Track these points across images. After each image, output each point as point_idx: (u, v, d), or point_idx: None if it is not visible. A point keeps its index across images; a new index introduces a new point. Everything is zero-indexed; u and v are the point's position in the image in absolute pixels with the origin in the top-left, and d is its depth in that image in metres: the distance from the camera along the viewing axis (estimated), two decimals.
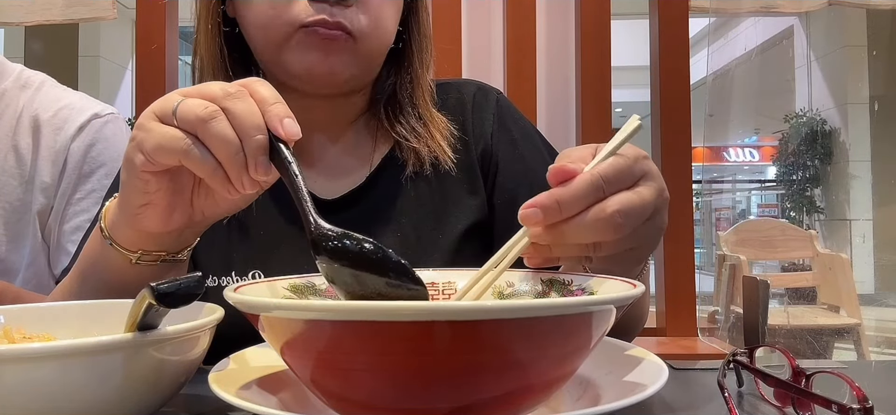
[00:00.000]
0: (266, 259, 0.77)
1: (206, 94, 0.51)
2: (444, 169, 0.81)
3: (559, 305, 0.39)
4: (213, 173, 0.51)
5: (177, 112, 0.51)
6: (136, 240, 0.59)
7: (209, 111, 0.50)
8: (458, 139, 0.84)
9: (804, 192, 8.18)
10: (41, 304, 0.60)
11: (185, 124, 0.51)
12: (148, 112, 0.54)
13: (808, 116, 8.30)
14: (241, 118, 0.50)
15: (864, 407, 0.39)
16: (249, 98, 0.51)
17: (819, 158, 8.12)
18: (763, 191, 11.47)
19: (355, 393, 0.40)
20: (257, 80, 0.53)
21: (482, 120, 0.86)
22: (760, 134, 11.12)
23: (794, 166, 8.33)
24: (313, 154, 0.83)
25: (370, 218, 0.80)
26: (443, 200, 0.82)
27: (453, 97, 0.88)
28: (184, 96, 0.52)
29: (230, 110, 0.50)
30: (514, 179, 0.83)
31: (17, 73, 1.13)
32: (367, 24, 0.74)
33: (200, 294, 0.41)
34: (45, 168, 1.06)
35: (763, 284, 1.11)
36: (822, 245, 4.57)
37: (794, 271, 4.84)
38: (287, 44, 0.73)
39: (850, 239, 7.59)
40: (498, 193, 0.84)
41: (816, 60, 8.46)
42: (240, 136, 0.50)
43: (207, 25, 0.78)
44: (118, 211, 0.59)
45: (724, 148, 11.61)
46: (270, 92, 0.52)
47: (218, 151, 0.50)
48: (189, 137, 0.51)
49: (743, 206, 11.70)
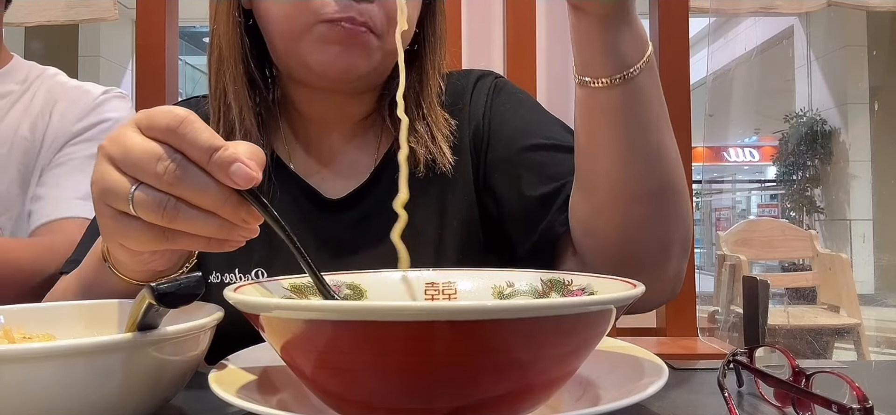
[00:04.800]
0: (271, 258, 0.76)
1: (149, 173, 0.48)
2: (442, 170, 0.80)
3: (559, 306, 0.39)
4: (206, 246, 0.51)
5: (139, 214, 0.49)
6: (140, 271, 0.58)
7: (167, 215, 0.48)
8: (455, 135, 0.82)
9: (804, 192, 8.17)
10: (41, 304, 0.60)
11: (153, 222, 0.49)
12: (102, 205, 0.51)
13: (808, 115, 8.30)
14: (195, 195, 0.48)
15: (864, 407, 0.39)
16: (184, 169, 0.47)
17: (819, 158, 8.11)
18: (763, 191, 11.47)
19: (355, 393, 0.40)
20: (183, 132, 0.47)
21: (477, 103, 0.85)
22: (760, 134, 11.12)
23: (794, 166, 8.33)
24: (321, 151, 0.83)
25: (370, 218, 0.79)
26: (440, 201, 0.81)
27: (455, 87, 0.87)
28: (103, 190, 0.49)
29: (183, 197, 0.48)
30: (510, 140, 0.80)
31: (34, 65, 1.21)
32: (390, 22, 0.73)
33: (200, 294, 0.41)
34: (55, 129, 1.13)
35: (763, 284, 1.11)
36: (822, 245, 4.57)
37: (794, 271, 4.84)
38: (306, 36, 0.72)
39: (850, 239, 7.58)
40: (491, 169, 0.81)
41: (816, 60, 8.46)
42: (210, 210, 0.48)
43: (227, 17, 0.77)
44: None
45: (724, 148, 11.61)
46: (200, 139, 0.47)
47: (196, 231, 0.49)
48: (161, 228, 0.49)
49: (743, 206, 11.70)
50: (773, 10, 1.92)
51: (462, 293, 0.56)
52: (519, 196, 0.76)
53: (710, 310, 3.66)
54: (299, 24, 0.72)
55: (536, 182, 0.75)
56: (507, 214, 0.78)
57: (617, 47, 0.59)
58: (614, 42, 0.59)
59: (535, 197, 0.75)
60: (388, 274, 0.58)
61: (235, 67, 0.77)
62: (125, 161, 0.49)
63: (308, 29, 0.72)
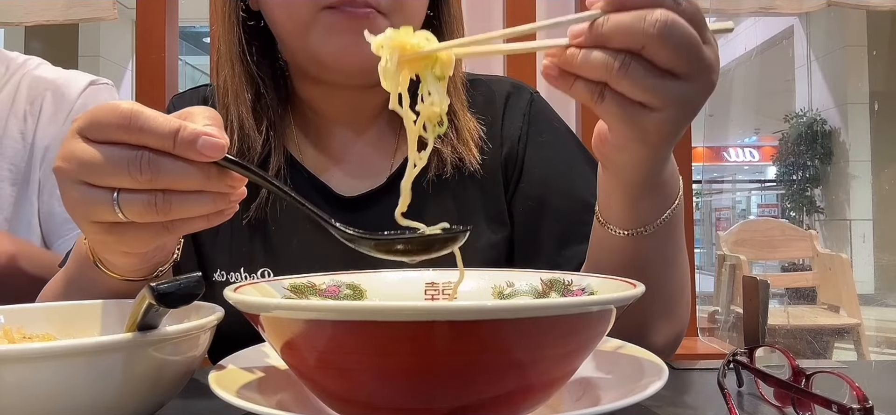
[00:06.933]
0: (276, 258, 0.75)
1: (123, 178, 0.47)
2: (469, 172, 0.77)
3: (559, 306, 0.39)
4: (207, 223, 0.51)
5: (131, 219, 0.48)
6: (140, 270, 0.58)
7: (161, 210, 0.48)
8: (484, 142, 0.79)
9: (804, 192, 8.18)
10: (41, 304, 0.59)
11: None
12: (88, 225, 0.50)
13: (808, 115, 8.30)
14: (179, 182, 0.47)
15: (864, 407, 0.39)
16: (160, 162, 0.47)
17: (819, 158, 8.11)
18: (763, 191, 11.47)
19: (355, 393, 0.40)
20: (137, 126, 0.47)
21: (512, 121, 0.81)
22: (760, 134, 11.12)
23: (794, 166, 8.33)
24: (336, 149, 0.81)
25: (389, 221, 0.77)
26: (464, 207, 0.78)
27: (482, 95, 0.83)
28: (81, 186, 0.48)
29: (167, 187, 0.48)
30: (541, 185, 0.79)
31: (16, 56, 1.18)
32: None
33: (200, 294, 0.41)
34: (46, 132, 1.10)
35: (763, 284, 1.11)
36: (822, 245, 4.57)
37: (794, 271, 4.84)
38: (313, 28, 0.69)
39: (850, 239, 7.58)
40: (519, 200, 0.79)
41: (816, 60, 8.46)
42: (197, 190, 0.48)
43: (226, 18, 0.76)
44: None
45: (724, 148, 11.60)
46: (158, 126, 0.47)
47: (193, 214, 0.49)
48: (160, 223, 0.49)
49: (743, 206, 11.70)
50: (773, 11, 1.92)
51: (462, 293, 0.56)
52: (536, 238, 0.77)
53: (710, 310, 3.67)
54: (302, 16, 0.70)
55: (555, 243, 0.76)
56: (519, 244, 0.79)
57: (637, 211, 0.59)
58: (635, 206, 0.59)
59: (553, 243, 0.76)
60: (387, 274, 0.58)
61: (234, 68, 0.76)
62: (93, 175, 0.48)
63: (313, 19, 0.69)
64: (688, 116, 0.50)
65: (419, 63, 0.48)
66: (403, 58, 0.48)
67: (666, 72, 0.47)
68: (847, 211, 7.79)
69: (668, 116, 0.49)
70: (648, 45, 0.45)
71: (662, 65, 0.47)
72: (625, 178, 0.57)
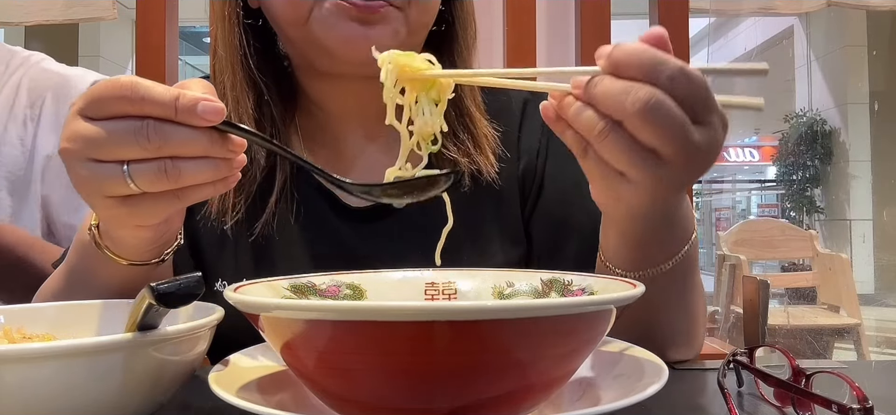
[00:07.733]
0: (278, 267, 0.73)
1: (133, 148, 0.48)
2: (486, 182, 0.73)
3: (559, 306, 0.39)
4: (214, 191, 0.52)
5: (144, 188, 0.49)
6: (148, 251, 0.58)
7: (171, 176, 0.48)
8: (502, 150, 0.75)
9: (804, 192, 8.18)
10: (41, 304, 0.60)
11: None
12: (101, 200, 0.51)
13: (808, 115, 8.31)
14: (186, 147, 0.48)
15: (864, 407, 0.39)
16: (166, 129, 0.48)
17: (819, 158, 8.12)
18: (763, 191, 11.46)
19: (355, 393, 0.40)
20: (139, 96, 0.48)
21: (531, 132, 0.77)
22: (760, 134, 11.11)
23: (794, 166, 8.33)
24: (340, 148, 0.77)
25: (402, 233, 0.74)
26: (480, 220, 0.75)
27: (497, 100, 0.78)
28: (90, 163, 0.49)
29: (174, 154, 0.48)
30: (563, 202, 0.75)
31: (19, 51, 1.15)
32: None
33: (200, 294, 0.41)
34: (47, 139, 1.07)
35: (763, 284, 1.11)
36: (822, 245, 4.57)
37: (794, 271, 4.84)
38: (314, 16, 0.66)
39: (850, 239, 7.59)
40: (538, 215, 0.76)
41: (816, 60, 8.46)
42: (202, 155, 0.49)
43: (225, 19, 0.73)
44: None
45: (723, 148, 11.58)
46: (159, 94, 0.47)
47: (201, 180, 0.50)
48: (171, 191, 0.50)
49: (743, 206, 11.70)
50: (772, 11, 1.92)
51: (462, 293, 0.56)
52: (556, 257, 0.74)
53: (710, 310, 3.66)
54: (303, 4, 0.67)
55: (576, 265, 0.74)
56: (539, 265, 0.76)
57: (635, 255, 0.57)
58: (634, 250, 0.57)
59: (574, 265, 0.73)
60: (387, 274, 0.58)
61: (233, 69, 0.73)
62: (100, 151, 0.49)
63: (316, 4, 0.66)
64: (670, 192, 0.50)
65: (418, 84, 0.50)
66: (402, 76, 0.50)
67: (648, 149, 0.46)
68: (847, 211, 7.79)
69: (646, 188, 0.48)
70: (628, 121, 0.45)
71: (643, 143, 0.46)
72: (617, 222, 0.56)
